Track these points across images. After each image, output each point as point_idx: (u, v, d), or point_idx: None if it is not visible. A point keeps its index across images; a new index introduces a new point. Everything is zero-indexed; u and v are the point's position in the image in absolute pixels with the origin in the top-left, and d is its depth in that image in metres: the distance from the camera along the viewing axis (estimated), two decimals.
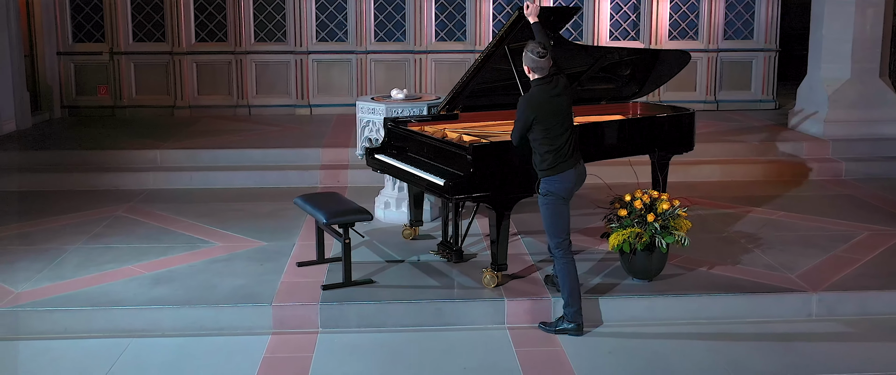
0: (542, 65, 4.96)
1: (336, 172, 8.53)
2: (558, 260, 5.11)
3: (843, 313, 5.44)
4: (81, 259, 6.14)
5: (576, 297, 5.12)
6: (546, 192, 5.09)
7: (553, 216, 5.10)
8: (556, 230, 5.09)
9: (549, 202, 5.08)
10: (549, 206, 5.09)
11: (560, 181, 5.05)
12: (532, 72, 5.02)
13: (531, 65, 4.99)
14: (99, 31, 11.16)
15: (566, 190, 5.07)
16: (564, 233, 5.11)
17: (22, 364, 4.80)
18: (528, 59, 4.99)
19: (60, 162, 8.73)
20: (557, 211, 5.10)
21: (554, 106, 4.97)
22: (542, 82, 5.00)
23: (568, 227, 5.13)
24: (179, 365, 4.79)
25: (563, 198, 5.09)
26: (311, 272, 5.85)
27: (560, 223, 5.09)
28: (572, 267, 5.10)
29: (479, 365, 4.80)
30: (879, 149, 9.14)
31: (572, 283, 5.09)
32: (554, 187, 5.06)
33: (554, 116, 4.97)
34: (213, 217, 7.27)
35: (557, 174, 5.04)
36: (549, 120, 4.97)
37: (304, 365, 4.79)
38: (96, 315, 5.23)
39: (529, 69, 5.02)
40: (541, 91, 5.00)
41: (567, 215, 5.14)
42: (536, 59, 4.95)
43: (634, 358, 4.88)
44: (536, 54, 4.94)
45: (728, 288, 5.53)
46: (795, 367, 4.77)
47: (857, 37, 9.28)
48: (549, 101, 4.98)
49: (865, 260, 6.10)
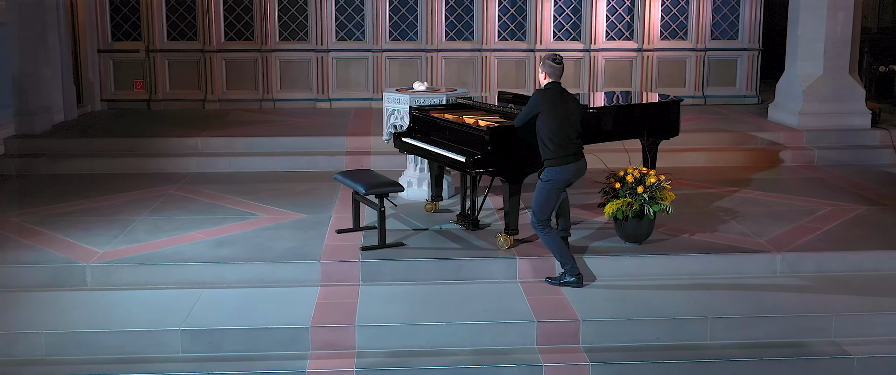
0: (557, 71, 5.92)
1: (360, 158, 9.47)
2: (540, 234, 6.01)
3: (802, 270, 6.42)
4: (149, 227, 7.10)
5: (567, 256, 6.06)
6: (547, 179, 6.01)
7: (544, 200, 6.02)
8: (542, 211, 6.00)
9: (546, 187, 6.00)
10: (544, 191, 6.00)
11: (562, 172, 5.96)
12: (547, 76, 5.96)
13: (548, 71, 5.94)
14: (136, 31, 12.11)
15: (565, 180, 6.00)
16: (546, 216, 5.99)
17: (115, 308, 5.75)
18: (546, 65, 5.93)
19: (111, 148, 9.65)
20: (549, 197, 6.01)
21: (559, 107, 5.88)
22: (554, 86, 5.95)
23: (552, 211, 6.04)
24: (247, 310, 5.74)
25: (559, 188, 6.02)
26: (348, 237, 6.82)
27: (547, 207, 6.01)
28: (553, 234, 6.01)
29: (496, 309, 5.76)
30: (848, 138, 10.12)
31: (559, 247, 6.02)
32: (555, 176, 5.97)
33: (557, 116, 5.87)
34: (255, 195, 8.21)
35: (560, 166, 5.96)
36: (553, 118, 5.86)
37: (351, 310, 5.75)
38: (172, 270, 6.19)
39: (546, 75, 5.97)
40: (551, 92, 5.93)
41: (555, 202, 6.06)
42: (553, 65, 5.91)
43: (626, 303, 5.85)
44: (553, 61, 5.91)
45: (706, 250, 6.51)
46: (759, 311, 5.75)
47: (829, 37, 10.23)
48: (555, 102, 5.90)
49: (825, 229, 7.08)
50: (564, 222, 6.58)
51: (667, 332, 5.60)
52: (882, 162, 9.85)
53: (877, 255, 6.52)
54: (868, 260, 6.49)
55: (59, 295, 5.95)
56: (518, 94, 7.45)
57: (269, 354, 5.39)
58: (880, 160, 9.89)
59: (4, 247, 6.54)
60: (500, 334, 5.54)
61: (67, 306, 5.78)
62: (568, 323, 5.56)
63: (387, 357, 5.38)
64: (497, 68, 12.46)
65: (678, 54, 12.65)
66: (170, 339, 5.40)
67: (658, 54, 12.59)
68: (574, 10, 12.43)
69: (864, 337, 5.63)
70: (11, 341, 5.37)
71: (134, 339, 5.39)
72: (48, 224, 7.16)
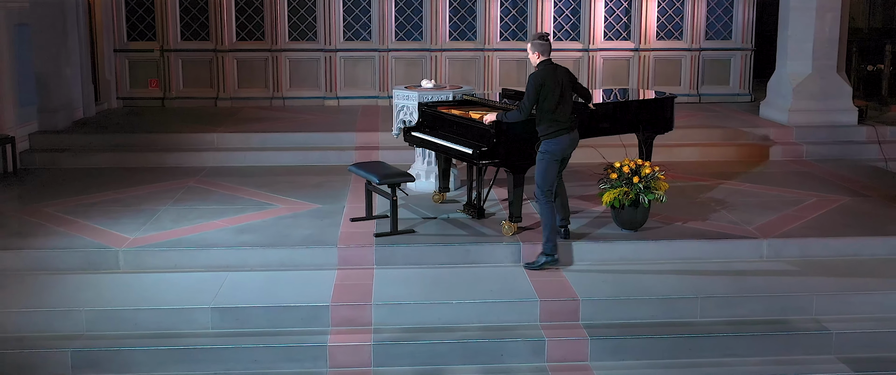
0: (545, 47, 6.37)
1: (369, 152, 9.91)
2: (541, 204, 6.46)
3: (787, 255, 6.87)
4: (174, 216, 7.55)
5: (553, 232, 6.50)
6: (544, 151, 6.46)
7: (545, 171, 6.47)
8: (545, 181, 6.45)
9: (545, 159, 6.46)
10: (544, 162, 6.46)
11: (556, 144, 6.43)
12: (540, 56, 6.40)
13: (539, 50, 6.39)
14: (151, 31, 12.56)
15: (560, 150, 6.46)
16: (549, 185, 6.45)
17: (147, 290, 6.19)
18: (536, 46, 6.39)
19: (131, 143, 10.08)
20: (549, 168, 6.46)
21: (555, 80, 6.35)
22: (546, 64, 6.40)
23: (554, 181, 6.48)
24: (271, 290, 6.19)
25: (556, 158, 6.46)
26: (362, 225, 7.26)
27: (548, 177, 6.46)
28: (551, 209, 6.46)
29: (502, 290, 6.21)
30: (835, 134, 10.56)
31: (551, 222, 6.47)
32: (551, 148, 6.43)
33: (555, 89, 6.33)
34: (271, 187, 8.65)
35: (554, 138, 6.42)
36: (552, 92, 6.32)
37: (367, 290, 6.19)
38: (198, 254, 6.64)
39: (538, 54, 6.41)
40: (545, 69, 6.38)
41: (555, 172, 6.50)
42: (542, 43, 6.37)
43: (622, 284, 6.31)
44: (541, 39, 6.38)
45: (697, 236, 6.97)
46: (745, 291, 6.20)
47: (818, 37, 10.68)
48: (552, 76, 6.36)
49: (809, 218, 7.53)
50: (564, 212, 7.01)
51: (660, 310, 6.04)
52: (868, 156, 10.30)
53: (857, 241, 6.98)
54: (848, 246, 6.94)
55: (95, 277, 6.40)
56: (520, 92, 7.89)
57: (293, 330, 5.83)
58: (866, 155, 10.33)
59: (41, 234, 6.98)
60: (505, 312, 5.98)
61: (103, 287, 6.22)
62: (568, 302, 6.01)
63: (401, 332, 5.82)
64: (499, 67, 12.93)
65: (674, 54, 13.11)
66: (200, 316, 5.84)
67: (654, 54, 13.05)
68: (573, 11, 12.89)
69: (843, 315, 6.08)
70: (53, 318, 5.81)
71: (167, 316, 5.84)
72: (78, 213, 7.60)
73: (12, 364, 5.54)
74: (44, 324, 5.79)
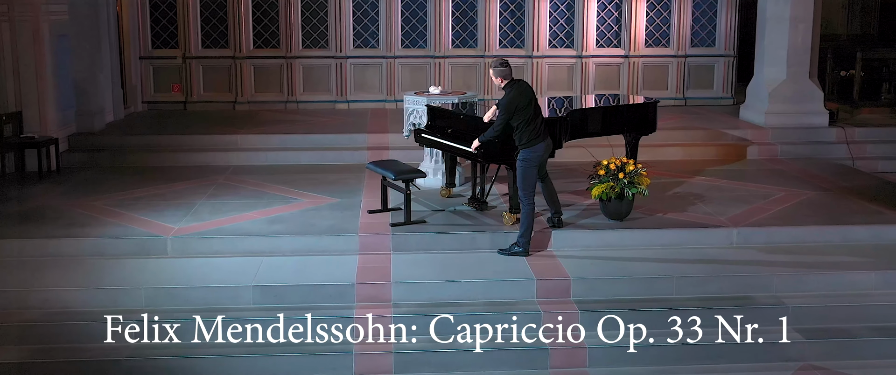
0: (507, 72, 7.17)
1: (380, 152, 10.80)
2: (524, 205, 7.32)
3: (754, 242, 7.80)
4: (210, 209, 8.46)
5: (528, 233, 7.35)
6: (523, 159, 7.27)
7: (526, 177, 7.29)
8: (526, 185, 7.27)
9: (524, 166, 7.27)
10: (524, 169, 7.27)
11: (533, 151, 7.24)
12: (503, 80, 7.19)
13: (502, 75, 7.16)
14: (173, 39, 13.47)
15: (537, 158, 7.29)
16: (530, 188, 7.27)
17: (193, 272, 7.10)
18: (498, 71, 7.15)
19: (162, 144, 10.97)
20: (529, 173, 7.27)
21: (527, 98, 7.16)
22: (512, 85, 7.20)
23: (534, 184, 7.30)
24: (303, 272, 7.10)
25: (534, 165, 7.26)
26: (378, 216, 8.17)
27: (528, 181, 7.28)
28: (532, 210, 7.31)
29: (503, 270, 7.13)
30: (808, 135, 11.49)
31: (530, 222, 7.33)
32: (528, 155, 7.24)
33: (527, 107, 7.14)
34: (293, 183, 9.56)
35: (531, 147, 7.25)
36: (524, 110, 7.12)
37: (386, 272, 7.11)
38: (236, 241, 7.55)
39: (501, 79, 7.19)
40: (514, 90, 7.16)
41: (534, 177, 7.30)
42: (502, 68, 7.16)
43: (608, 266, 7.24)
44: (501, 65, 7.14)
45: (675, 226, 7.89)
46: (716, 273, 7.13)
47: (791, 45, 11.60)
48: (522, 95, 7.15)
49: (777, 209, 8.46)
50: (555, 206, 7.88)
51: (641, 288, 6.97)
52: (837, 155, 11.24)
53: (817, 229, 7.92)
54: (809, 234, 7.87)
55: (148, 262, 7.31)
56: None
57: (323, 305, 6.74)
58: (836, 154, 11.27)
59: (95, 224, 7.89)
60: (506, 289, 6.91)
61: (156, 269, 7.14)
62: (561, 281, 6.94)
63: (417, 307, 6.74)
64: None
65: (661, 60, 14.06)
66: (244, 293, 6.76)
67: (643, 60, 14.00)
68: (567, 20, 13.82)
69: (799, 292, 7.01)
70: (117, 295, 6.72)
71: (215, 293, 6.75)
72: (125, 206, 8.51)
73: (81, 333, 6.45)
74: (108, 300, 6.71)
